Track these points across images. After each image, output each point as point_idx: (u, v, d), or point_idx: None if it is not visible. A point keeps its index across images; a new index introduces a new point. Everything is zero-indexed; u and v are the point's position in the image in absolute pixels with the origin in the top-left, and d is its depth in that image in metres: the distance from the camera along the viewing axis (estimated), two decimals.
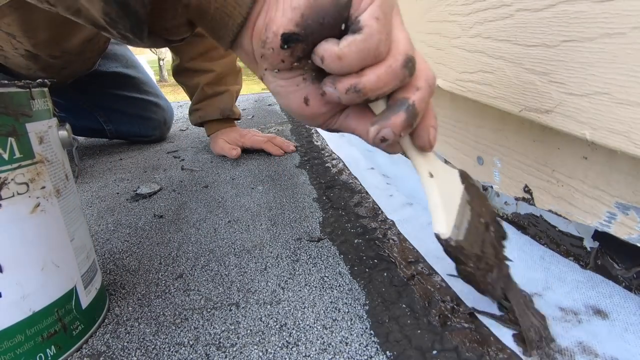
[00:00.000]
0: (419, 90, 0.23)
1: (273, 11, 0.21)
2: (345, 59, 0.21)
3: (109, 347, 0.30)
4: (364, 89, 0.22)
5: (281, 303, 0.33)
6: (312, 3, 0.20)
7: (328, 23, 0.21)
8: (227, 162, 0.78)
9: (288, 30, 0.21)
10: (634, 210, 0.29)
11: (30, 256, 0.26)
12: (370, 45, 0.20)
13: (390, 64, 0.21)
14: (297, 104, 0.26)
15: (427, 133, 0.25)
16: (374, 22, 0.20)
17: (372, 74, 0.21)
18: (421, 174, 0.26)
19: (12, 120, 0.25)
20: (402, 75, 0.22)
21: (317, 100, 0.25)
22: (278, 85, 0.25)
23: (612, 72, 0.26)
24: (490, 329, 0.28)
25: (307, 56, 0.23)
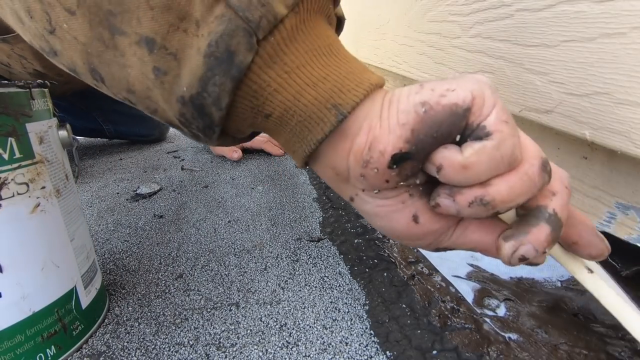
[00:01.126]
0: (556, 196, 0.19)
1: (377, 128, 0.19)
2: (472, 169, 0.18)
3: (109, 347, 0.30)
4: (493, 201, 0.18)
5: (281, 303, 0.33)
6: (424, 117, 0.18)
7: (442, 135, 0.18)
8: (227, 162, 0.77)
9: (397, 149, 0.19)
10: (634, 210, 0.29)
11: (30, 256, 0.26)
12: (504, 151, 0.18)
13: (525, 170, 0.18)
14: (404, 224, 0.22)
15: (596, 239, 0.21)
16: (505, 127, 0.18)
17: (503, 183, 0.18)
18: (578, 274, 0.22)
19: (12, 120, 0.25)
20: (541, 182, 0.19)
21: (428, 216, 0.22)
22: (377, 206, 0.22)
23: (612, 72, 0.26)
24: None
25: (415, 174, 0.20)
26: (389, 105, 0.20)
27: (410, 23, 0.53)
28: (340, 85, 0.20)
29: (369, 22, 0.72)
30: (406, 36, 0.55)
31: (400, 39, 0.57)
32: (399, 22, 0.57)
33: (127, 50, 0.20)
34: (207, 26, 0.19)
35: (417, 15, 0.51)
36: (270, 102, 0.21)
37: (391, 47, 0.61)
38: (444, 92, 0.18)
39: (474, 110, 0.18)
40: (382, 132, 0.19)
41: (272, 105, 0.21)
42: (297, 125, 0.21)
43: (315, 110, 0.20)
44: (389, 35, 0.61)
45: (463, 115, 0.18)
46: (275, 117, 0.22)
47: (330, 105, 0.20)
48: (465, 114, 0.18)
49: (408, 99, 0.19)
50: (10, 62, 0.63)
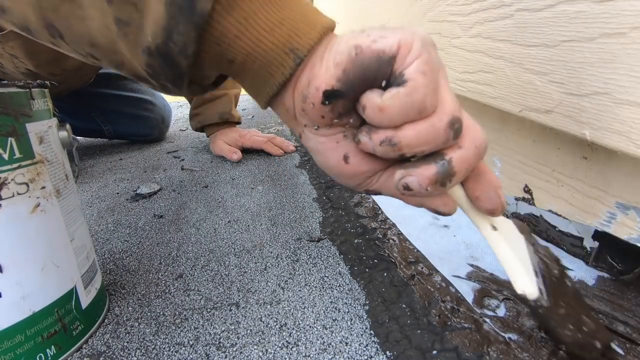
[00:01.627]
0: (460, 149, 0.21)
1: (317, 68, 0.21)
2: (386, 111, 0.20)
3: (109, 347, 0.30)
4: (399, 143, 0.20)
5: (281, 303, 0.33)
6: (354, 58, 0.20)
7: (369, 78, 0.20)
8: (227, 162, 0.78)
9: (330, 86, 0.20)
10: (634, 210, 0.29)
11: (30, 256, 0.26)
12: (414, 98, 0.19)
13: (433, 122, 0.20)
14: (336, 162, 0.24)
15: (494, 195, 0.22)
16: (420, 76, 0.19)
17: (411, 129, 0.20)
18: (483, 229, 0.24)
19: (12, 120, 0.25)
20: (446, 136, 0.20)
21: (357, 158, 0.24)
22: (317, 142, 0.24)
23: (612, 72, 0.26)
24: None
25: (347, 112, 0.22)
26: (331, 47, 0.21)
27: (410, 23, 0.53)
28: (296, 29, 0.22)
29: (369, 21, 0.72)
30: None
31: None
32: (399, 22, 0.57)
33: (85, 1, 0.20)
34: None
35: (417, 15, 0.51)
36: (232, 49, 0.22)
37: None
38: (376, 38, 0.19)
39: (398, 58, 0.19)
40: (319, 70, 0.21)
41: (234, 51, 0.22)
42: (260, 70, 0.23)
43: (274, 55, 0.22)
44: None
45: (388, 62, 0.19)
46: (238, 62, 0.23)
47: (287, 50, 0.22)
48: (390, 61, 0.19)
49: (346, 42, 0.20)
50: (2, 61, 0.63)
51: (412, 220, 0.46)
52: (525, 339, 0.28)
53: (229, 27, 0.21)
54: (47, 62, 0.65)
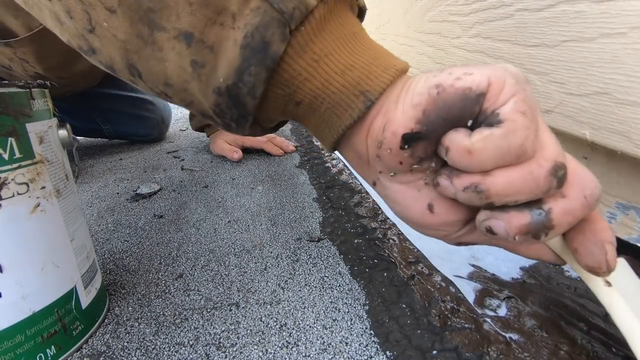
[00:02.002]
0: (564, 199, 0.18)
1: (392, 111, 0.20)
2: (476, 155, 0.17)
3: (109, 347, 0.30)
4: (488, 191, 0.17)
5: (281, 303, 0.33)
6: (436, 98, 0.18)
7: (453, 119, 0.18)
8: (227, 162, 0.78)
9: (408, 129, 0.19)
10: (634, 210, 0.29)
11: (30, 256, 0.26)
12: (512, 142, 0.17)
13: (532, 169, 0.17)
14: (419, 212, 0.22)
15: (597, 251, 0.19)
16: (520, 116, 0.17)
17: (503, 176, 0.17)
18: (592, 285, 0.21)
19: (12, 120, 0.25)
20: (547, 185, 0.17)
21: (444, 206, 0.21)
22: (395, 192, 0.22)
23: (612, 72, 0.26)
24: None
25: (429, 157, 0.20)
26: (407, 89, 0.20)
27: (410, 23, 0.53)
28: (368, 72, 0.21)
29: (369, 22, 0.72)
30: (406, 36, 0.55)
31: (400, 39, 0.57)
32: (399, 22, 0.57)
33: (166, 45, 0.21)
34: (243, 19, 0.19)
35: (417, 15, 0.51)
36: (300, 90, 0.22)
37: (391, 47, 0.61)
38: (460, 75, 0.18)
39: (489, 96, 0.17)
40: (396, 113, 0.19)
41: (302, 93, 0.22)
42: (326, 112, 0.22)
43: (343, 97, 0.21)
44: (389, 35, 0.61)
45: (476, 99, 0.17)
46: (305, 104, 0.22)
47: (357, 92, 0.21)
48: (479, 99, 0.17)
49: (425, 82, 0.19)
50: (12, 65, 0.64)
51: None
52: (526, 339, 0.28)
53: (299, 69, 0.21)
54: (57, 66, 0.66)
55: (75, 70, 0.70)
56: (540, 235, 0.18)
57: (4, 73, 0.66)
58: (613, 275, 0.20)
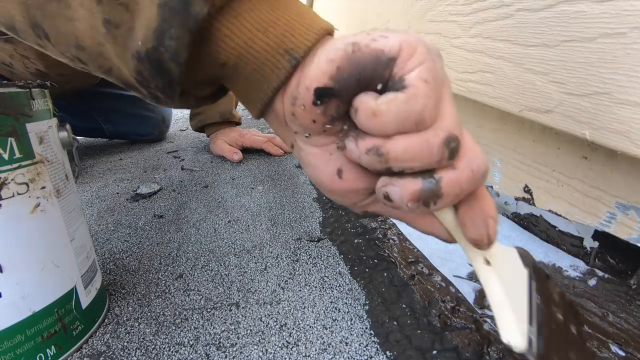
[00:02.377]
0: (454, 170, 0.19)
1: (308, 66, 0.19)
2: (380, 117, 0.18)
3: (109, 347, 0.30)
4: (387, 154, 0.18)
5: (281, 303, 0.33)
6: (350, 56, 0.18)
7: (365, 79, 0.18)
8: (227, 162, 0.78)
9: (322, 83, 0.19)
10: (634, 210, 0.29)
11: (30, 256, 0.26)
12: (412, 108, 0.17)
13: (428, 137, 0.18)
14: (328, 176, 0.22)
15: (481, 224, 0.20)
16: (422, 84, 0.17)
17: (402, 141, 0.18)
18: (474, 262, 0.22)
19: (12, 120, 0.25)
20: (439, 154, 0.18)
21: (352, 173, 0.21)
22: (308, 154, 0.22)
23: (612, 72, 0.26)
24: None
25: (341, 117, 0.20)
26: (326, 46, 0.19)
27: (410, 23, 0.53)
28: (291, 29, 0.20)
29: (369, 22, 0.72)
30: None
31: None
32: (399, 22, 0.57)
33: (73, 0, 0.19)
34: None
35: (417, 15, 0.51)
36: (223, 50, 0.21)
37: None
38: (376, 37, 0.18)
39: (399, 61, 0.18)
40: (310, 68, 0.19)
41: (225, 52, 0.21)
42: (252, 74, 0.21)
43: (268, 57, 0.20)
44: None
45: (387, 63, 0.18)
46: (230, 65, 0.21)
47: (282, 51, 0.20)
48: (389, 63, 0.18)
49: (343, 39, 0.19)
50: (13, 62, 0.63)
51: None
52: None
53: (219, 27, 0.20)
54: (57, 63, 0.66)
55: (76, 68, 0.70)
56: (430, 203, 0.19)
57: (5, 70, 0.66)
58: (495, 258, 0.21)
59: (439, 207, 0.19)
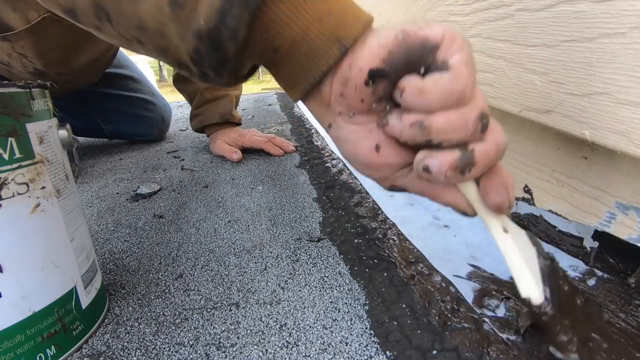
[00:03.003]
0: (484, 143, 0.21)
1: (359, 51, 0.22)
2: (426, 95, 0.20)
3: (109, 347, 0.30)
4: (430, 127, 0.20)
5: (281, 303, 0.33)
6: (401, 42, 0.20)
7: (412, 62, 0.21)
8: (227, 162, 0.78)
9: (374, 65, 0.21)
10: (634, 210, 0.29)
11: (30, 256, 0.26)
12: (456, 87, 0.20)
13: (465, 112, 0.20)
14: (367, 151, 0.24)
15: (502, 191, 0.22)
16: (464, 66, 0.20)
17: (443, 115, 0.20)
18: (494, 231, 0.24)
19: (12, 120, 0.25)
20: (474, 127, 0.21)
21: (389, 148, 0.24)
22: (349, 131, 0.24)
23: (612, 72, 0.26)
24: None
25: (386, 98, 0.22)
26: (372, 34, 0.22)
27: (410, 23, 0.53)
28: (343, 20, 0.22)
29: None
30: None
31: None
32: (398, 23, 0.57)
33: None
34: None
35: (417, 15, 0.51)
36: (280, 35, 0.22)
37: None
38: (422, 26, 0.20)
39: (442, 47, 0.20)
40: (363, 52, 0.21)
41: (281, 38, 0.22)
42: (304, 58, 0.23)
43: (321, 43, 0.22)
44: None
45: (432, 49, 0.20)
46: (283, 50, 0.23)
47: (334, 39, 0.22)
48: (434, 49, 0.20)
49: (392, 27, 0.21)
50: (11, 61, 0.63)
51: (413, 220, 0.46)
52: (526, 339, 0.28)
53: (279, 13, 0.21)
54: (56, 61, 0.66)
55: (75, 66, 0.70)
56: (465, 171, 0.21)
57: (3, 70, 0.66)
58: (511, 228, 0.24)
59: (472, 175, 0.22)
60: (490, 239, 0.31)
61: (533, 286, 0.23)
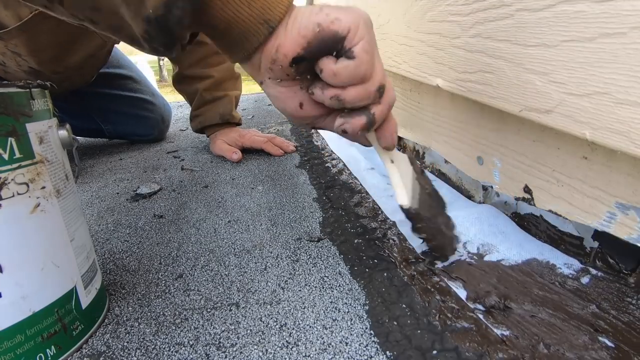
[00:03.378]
0: (380, 105, 0.29)
1: (282, 37, 0.27)
2: (338, 77, 0.27)
3: (109, 347, 0.30)
4: (344, 100, 0.28)
5: (281, 303, 0.33)
6: (318, 34, 0.26)
7: (326, 48, 0.27)
8: (227, 162, 0.78)
9: (296, 53, 0.27)
10: (634, 210, 0.29)
11: (30, 256, 0.26)
12: (358, 71, 0.27)
13: (367, 86, 0.28)
14: (293, 107, 0.32)
15: (391, 136, 0.32)
16: (364, 55, 0.26)
17: (353, 90, 0.28)
18: (385, 162, 0.34)
19: (12, 120, 0.25)
20: (374, 96, 0.28)
21: (309, 105, 0.31)
22: (278, 92, 0.31)
23: (612, 72, 0.26)
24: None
25: (306, 71, 0.29)
26: (293, 20, 0.27)
27: (410, 23, 0.53)
28: (269, 3, 0.27)
29: None
30: (406, 36, 0.55)
31: (400, 39, 0.57)
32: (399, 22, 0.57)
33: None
34: None
35: (417, 15, 0.51)
36: (216, 18, 0.27)
37: (391, 47, 0.61)
38: (333, 19, 0.26)
39: (348, 37, 0.26)
40: (286, 39, 0.27)
41: (217, 20, 0.27)
42: (237, 36, 0.28)
43: (250, 25, 0.27)
44: (389, 35, 0.61)
45: (340, 40, 0.26)
46: (220, 29, 0.28)
47: (262, 21, 0.27)
48: (341, 40, 0.26)
49: (309, 18, 0.26)
50: (5, 60, 0.63)
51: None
52: (526, 339, 0.28)
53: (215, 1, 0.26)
54: (50, 59, 0.65)
55: (69, 64, 0.70)
56: (370, 129, 0.30)
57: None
58: (396, 159, 0.34)
59: (373, 129, 0.31)
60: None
61: (404, 196, 0.34)
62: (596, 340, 0.27)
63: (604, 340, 0.27)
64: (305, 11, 0.27)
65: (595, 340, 0.27)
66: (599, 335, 0.27)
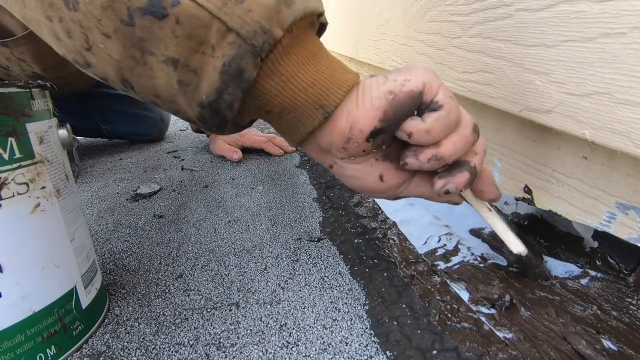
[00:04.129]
0: (477, 155, 0.27)
1: (355, 112, 0.25)
2: (432, 132, 0.25)
3: (109, 347, 0.30)
4: (444, 156, 0.26)
5: (281, 303, 0.33)
6: (392, 102, 0.25)
7: (405, 113, 0.25)
8: (227, 162, 0.77)
9: (373, 127, 0.25)
10: (634, 210, 0.29)
11: (30, 256, 0.26)
12: (451, 118, 0.25)
13: (463, 132, 0.26)
14: (373, 182, 0.29)
15: (493, 189, 0.30)
16: (449, 100, 0.25)
17: (449, 142, 0.26)
18: (483, 213, 0.32)
19: (12, 120, 0.25)
20: (473, 140, 0.26)
21: (390, 174, 0.29)
22: (354, 170, 0.29)
23: (612, 72, 0.26)
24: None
25: (382, 143, 0.27)
26: (362, 94, 0.26)
27: (410, 23, 0.53)
28: (326, 89, 0.26)
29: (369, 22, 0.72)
30: (406, 36, 0.55)
31: (400, 39, 0.57)
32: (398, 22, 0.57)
33: (156, 66, 0.24)
34: (221, 50, 0.23)
35: (417, 15, 0.51)
36: (270, 103, 0.26)
37: (391, 47, 0.61)
38: (403, 82, 0.25)
39: (425, 91, 0.25)
40: (359, 114, 0.25)
41: (272, 105, 0.26)
42: (292, 120, 0.27)
43: (306, 110, 0.26)
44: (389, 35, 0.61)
45: (418, 97, 0.25)
46: (275, 113, 0.27)
47: (317, 106, 0.26)
48: (420, 96, 0.25)
49: (378, 88, 0.25)
50: (9, 64, 0.63)
51: (413, 220, 0.46)
52: (526, 339, 0.28)
53: (269, 88, 0.25)
54: (54, 65, 0.66)
55: (72, 70, 0.69)
56: (473, 182, 0.28)
57: (2, 73, 0.66)
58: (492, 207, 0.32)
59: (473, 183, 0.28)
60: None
61: (519, 244, 0.31)
62: (598, 341, 0.27)
63: (606, 342, 0.27)
64: (372, 83, 0.26)
65: (598, 341, 0.27)
66: (601, 336, 0.27)
